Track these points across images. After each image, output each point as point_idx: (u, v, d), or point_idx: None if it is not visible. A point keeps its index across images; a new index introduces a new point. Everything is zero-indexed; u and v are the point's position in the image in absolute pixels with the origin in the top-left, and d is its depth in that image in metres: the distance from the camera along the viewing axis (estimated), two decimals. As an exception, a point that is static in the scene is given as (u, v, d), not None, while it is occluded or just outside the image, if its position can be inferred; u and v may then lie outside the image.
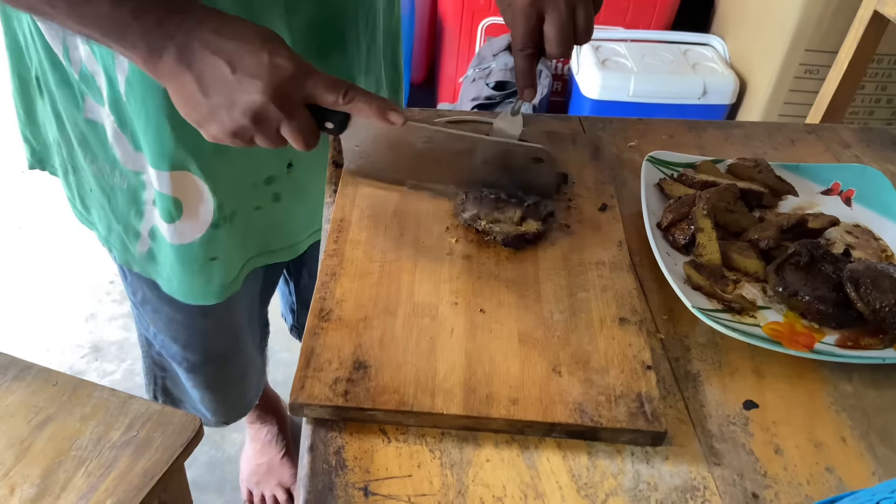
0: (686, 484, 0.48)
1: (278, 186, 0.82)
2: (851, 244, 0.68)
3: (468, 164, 0.66)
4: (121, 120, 0.72)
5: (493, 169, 0.66)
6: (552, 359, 0.53)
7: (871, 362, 0.55)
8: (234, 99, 0.54)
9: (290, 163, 0.81)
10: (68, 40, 0.70)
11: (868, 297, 0.58)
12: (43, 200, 2.03)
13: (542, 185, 0.67)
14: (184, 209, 0.77)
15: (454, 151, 0.66)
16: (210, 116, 0.56)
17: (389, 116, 0.58)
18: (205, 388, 1.07)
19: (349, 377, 0.51)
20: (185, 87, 0.55)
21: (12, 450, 0.80)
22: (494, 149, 0.65)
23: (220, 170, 0.76)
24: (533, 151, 0.65)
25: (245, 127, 0.56)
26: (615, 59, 1.88)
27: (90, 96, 0.73)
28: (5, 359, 0.90)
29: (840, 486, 0.49)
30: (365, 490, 0.46)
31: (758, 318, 0.59)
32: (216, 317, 0.97)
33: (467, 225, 0.63)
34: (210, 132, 0.57)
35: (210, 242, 0.80)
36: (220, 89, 0.54)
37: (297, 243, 0.90)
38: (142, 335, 1.05)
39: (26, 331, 1.68)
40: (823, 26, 1.61)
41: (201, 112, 0.56)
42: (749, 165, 0.73)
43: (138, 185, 0.78)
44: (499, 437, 0.50)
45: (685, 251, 0.65)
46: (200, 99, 0.55)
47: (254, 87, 0.54)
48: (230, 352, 1.05)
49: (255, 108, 0.54)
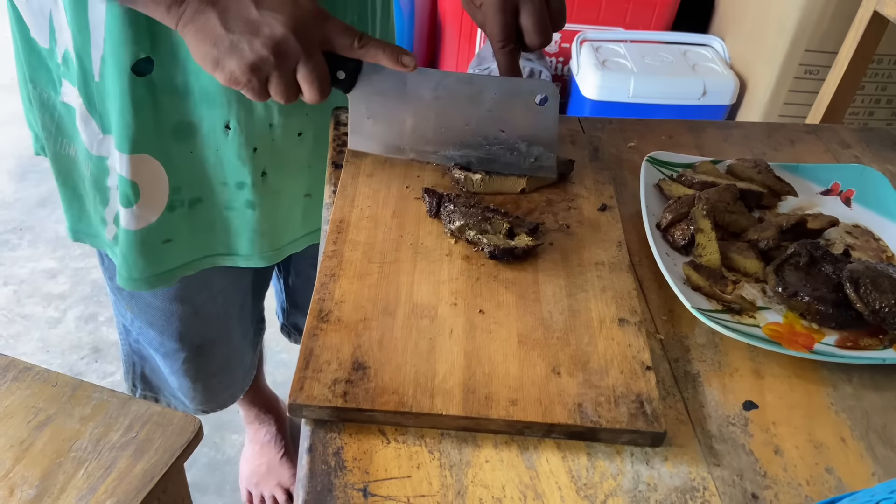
0: (686, 485, 0.48)
1: (251, 194, 0.81)
2: (851, 244, 0.68)
3: (474, 113, 0.67)
4: (89, 102, 0.73)
5: (499, 117, 0.67)
6: (551, 359, 0.53)
7: (871, 363, 0.55)
8: (256, 31, 0.56)
9: (264, 171, 0.81)
10: (55, 22, 0.70)
11: (868, 297, 0.58)
12: (41, 198, 2.03)
13: (546, 133, 0.67)
14: (141, 193, 0.77)
15: (462, 99, 0.67)
16: (230, 50, 0.57)
17: (402, 60, 0.60)
18: (182, 375, 1.06)
19: (348, 378, 0.51)
20: (208, 24, 0.57)
21: (12, 451, 0.80)
22: (502, 87, 0.66)
23: (178, 154, 0.76)
24: (540, 86, 0.66)
25: (265, 59, 0.57)
26: (615, 60, 1.88)
27: (67, 80, 0.74)
28: (5, 360, 0.90)
29: (840, 486, 0.49)
30: (364, 491, 0.46)
31: (757, 319, 0.59)
32: (194, 304, 0.97)
33: (453, 236, 0.63)
34: (228, 68, 0.58)
35: (164, 224, 0.80)
36: (243, 24, 0.57)
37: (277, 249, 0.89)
38: (119, 322, 1.05)
39: (26, 332, 1.68)
40: (823, 27, 1.61)
41: (221, 47, 0.57)
42: (748, 166, 0.73)
43: (102, 172, 0.78)
44: (498, 438, 0.50)
45: (684, 252, 0.65)
46: (222, 33, 0.57)
47: (277, 20, 0.56)
48: (210, 341, 1.05)
49: (276, 39, 0.56)
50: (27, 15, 0.72)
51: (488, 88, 0.66)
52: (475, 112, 0.67)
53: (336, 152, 0.74)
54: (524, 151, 0.68)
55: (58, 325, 1.69)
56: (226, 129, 0.75)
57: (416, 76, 0.64)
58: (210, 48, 0.57)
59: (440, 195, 0.64)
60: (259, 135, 0.77)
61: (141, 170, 0.75)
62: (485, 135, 0.68)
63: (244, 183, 0.80)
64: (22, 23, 0.73)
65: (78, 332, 1.68)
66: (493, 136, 0.68)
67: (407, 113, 0.68)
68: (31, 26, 0.73)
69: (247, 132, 0.76)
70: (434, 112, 0.67)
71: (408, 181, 0.69)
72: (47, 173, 2.16)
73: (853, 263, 0.61)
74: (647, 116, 0.86)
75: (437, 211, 0.64)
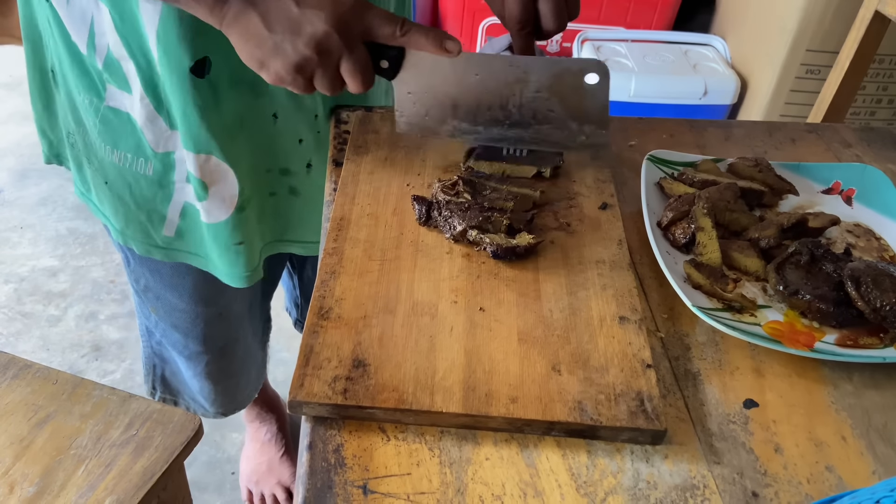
0: (686, 482, 0.48)
1: (295, 181, 0.82)
2: (852, 244, 0.67)
3: (523, 93, 0.66)
4: (157, 101, 0.73)
5: (548, 97, 0.66)
6: (552, 357, 0.53)
7: (872, 361, 0.55)
8: (298, 30, 0.57)
9: (310, 163, 0.81)
10: (96, 26, 0.70)
11: (868, 295, 0.58)
12: (42, 197, 2.03)
13: (597, 111, 0.66)
14: (209, 191, 0.77)
15: (509, 80, 0.66)
16: (274, 51, 0.58)
17: (446, 45, 0.60)
18: (205, 377, 1.07)
19: (348, 375, 0.50)
20: (250, 25, 0.58)
21: (12, 448, 0.81)
22: (550, 68, 0.65)
23: (239, 154, 0.77)
24: (590, 65, 0.64)
25: (308, 58, 0.58)
26: (616, 60, 1.88)
27: (113, 84, 0.73)
28: (5, 358, 0.90)
29: (840, 484, 0.49)
30: (364, 488, 0.46)
31: (758, 317, 0.59)
32: (218, 306, 0.97)
33: (456, 241, 0.62)
34: (273, 69, 0.59)
35: (236, 226, 0.80)
36: (285, 23, 0.57)
37: (311, 242, 0.90)
38: (143, 324, 1.05)
39: (26, 330, 1.68)
40: (825, 26, 1.60)
41: (265, 48, 0.58)
42: (749, 164, 0.72)
43: (168, 167, 0.78)
44: (498, 436, 0.50)
45: (685, 250, 0.65)
46: (265, 35, 0.57)
47: (318, 18, 0.57)
48: (231, 342, 1.05)
49: (318, 37, 0.57)
50: (68, 20, 0.72)
51: (536, 70, 0.66)
52: (523, 92, 0.67)
53: (337, 150, 0.74)
54: (575, 129, 0.68)
55: (58, 324, 1.69)
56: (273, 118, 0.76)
57: (461, 60, 0.63)
58: (254, 49, 0.58)
59: (429, 202, 0.64)
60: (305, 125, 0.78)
61: (209, 169, 0.76)
62: (533, 114, 0.68)
63: (289, 170, 0.81)
64: (63, 28, 0.73)
65: (78, 330, 1.68)
66: (542, 116, 0.68)
67: (453, 95, 0.67)
68: (71, 31, 0.72)
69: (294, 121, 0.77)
70: (481, 93, 0.67)
71: (409, 179, 0.69)
72: (48, 172, 2.16)
73: (854, 262, 0.61)
74: (648, 116, 0.86)
75: (426, 218, 0.64)
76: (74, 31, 0.72)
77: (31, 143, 2.18)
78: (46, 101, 0.85)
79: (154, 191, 0.80)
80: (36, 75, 0.83)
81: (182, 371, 1.08)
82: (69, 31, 0.72)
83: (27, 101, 0.90)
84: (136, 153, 0.77)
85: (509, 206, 0.64)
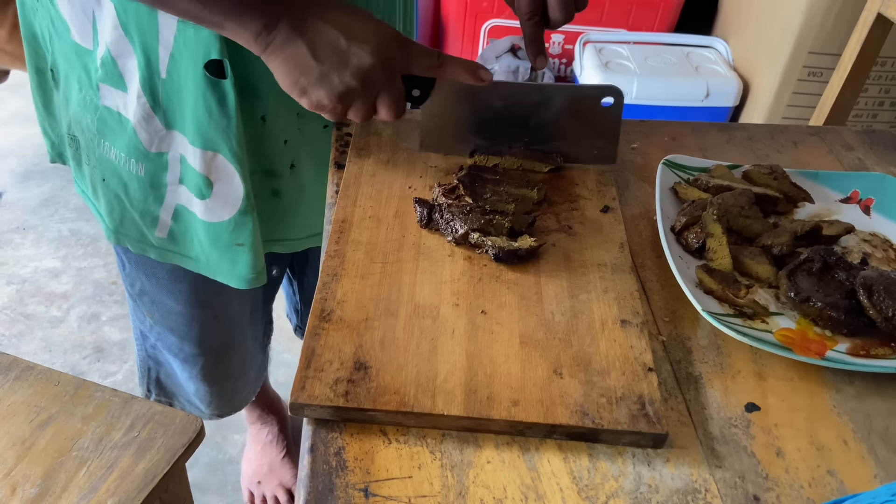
0: (687, 486, 0.48)
1: (278, 183, 0.82)
2: (868, 253, 0.67)
3: (543, 116, 0.71)
4: (154, 99, 0.73)
5: (567, 118, 0.71)
6: (553, 360, 0.53)
7: (884, 371, 0.55)
8: (346, 62, 0.59)
9: (293, 164, 0.81)
10: (99, 23, 0.70)
11: (881, 304, 0.57)
12: (44, 198, 2.03)
13: (610, 129, 0.72)
14: (213, 189, 0.77)
15: (530, 104, 0.71)
16: (319, 80, 0.59)
17: (480, 75, 0.64)
18: (200, 379, 1.06)
19: (350, 378, 0.51)
20: (297, 53, 0.59)
21: (14, 450, 0.81)
22: (573, 94, 0.71)
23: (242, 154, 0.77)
24: (607, 91, 0.70)
25: (353, 89, 0.60)
26: (618, 62, 1.88)
27: (107, 83, 0.73)
28: (7, 359, 0.90)
29: (842, 488, 0.49)
30: (365, 491, 0.46)
31: (769, 324, 0.59)
32: (214, 309, 0.97)
33: (457, 244, 0.62)
34: (315, 97, 0.60)
35: (238, 227, 0.80)
36: (333, 55, 0.59)
37: (294, 240, 0.90)
38: (137, 328, 1.05)
39: (28, 331, 1.68)
40: (827, 29, 1.60)
41: (311, 77, 0.59)
42: (764, 172, 0.72)
43: (160, 168, 0.78)
44: (499, 439, 0.50)
45: (698, 255, 0.64)
46: (311, 64, 0.59)
47: (365, 51, 0.59)
48: (227, 345, 1.05)
49: (365, 70, 0.59)
50: (69, 16, 0.72)
51: (559, 96, 0.71)
52: (544, 115, 0.71)
53: (339, 152, 0.74)
54: (587, 145, 0.73)
55: (60, 325, 1.70)
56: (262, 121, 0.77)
57: (490, 87, 0.67)
58: (299, 76, 0.60)
59: (430, 205, 0.64)
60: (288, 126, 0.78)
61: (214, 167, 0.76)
62: (552, 133, 0.72)
63: (273, 171, 0.82)
64: (63, 24, 0.72)
65: (80, 331, 1.68)
66: (559, 134, 0.72)
67: (477, 118, 0.72)
68: (72, 27, 0.72)
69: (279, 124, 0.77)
70: (503, 116, 0.71)
71: (410, 181, 0.69)
72: (50, 173, 2.17)
73: (867, 270, 0.60)
74: (649, 118, 0.86)
75: (427, 221, 0.64)
76: (76, 28, 0.72)
77: (33, 144, 2.18)
78: (46, 101, 0.85)
79: (146, 192, 0.80)
80: (36, 77, 0.83)
81: (177, 374, 1.08)
82: (70, 28, 0.72)
83: (29, 102, 0.90)
84: (129, 153, 0.77)
85: (511, 209, 0.64)
